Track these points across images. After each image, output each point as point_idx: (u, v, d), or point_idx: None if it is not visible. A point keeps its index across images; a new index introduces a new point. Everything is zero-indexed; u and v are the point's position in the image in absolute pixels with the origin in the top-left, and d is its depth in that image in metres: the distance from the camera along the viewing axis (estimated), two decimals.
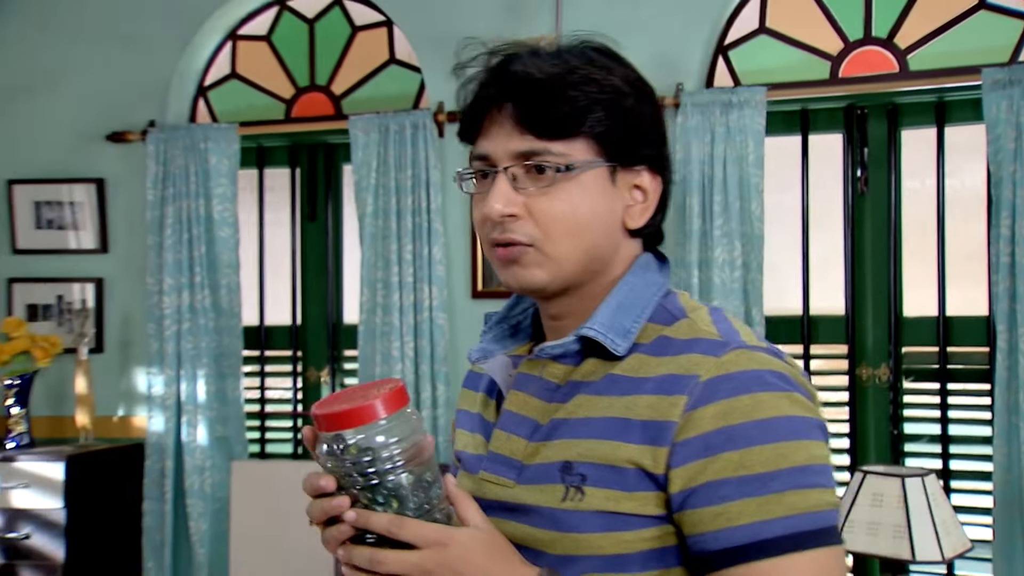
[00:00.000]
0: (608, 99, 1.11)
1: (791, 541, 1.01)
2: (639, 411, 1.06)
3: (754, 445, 1.02)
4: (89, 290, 4.17)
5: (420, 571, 1.01)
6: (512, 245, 1.12)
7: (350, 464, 1.01)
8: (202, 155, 3.94)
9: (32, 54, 4.23)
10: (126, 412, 4.16)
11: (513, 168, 1.12)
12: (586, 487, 1.06)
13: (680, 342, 1.09)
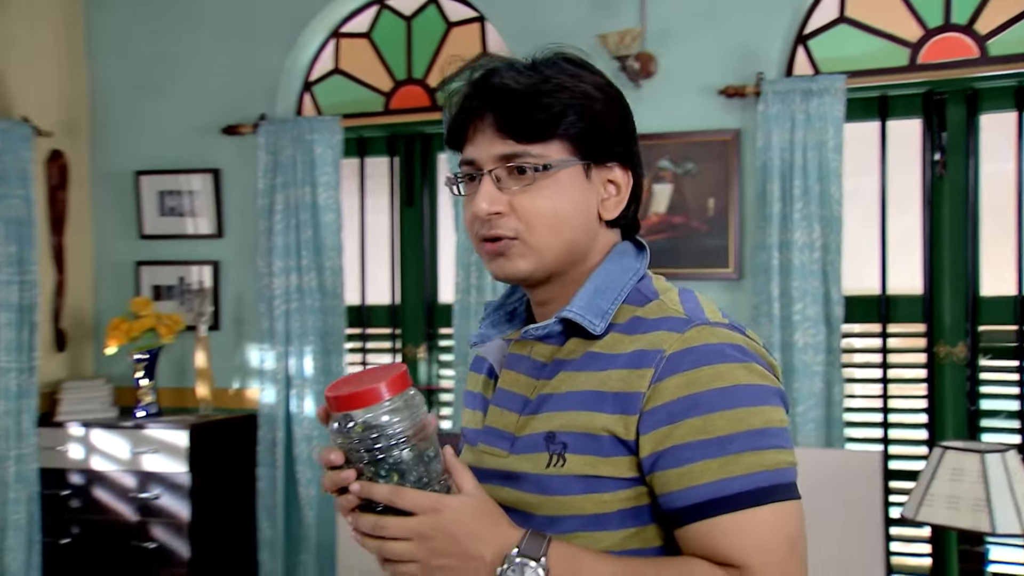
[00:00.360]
0: (579, 104, 1.22)
1: (749, 497, 1.10)
2: (612, 384, 1.17)
3: (714, 411, 1.12)
4: (207, 272, 4.48)
5: (417, 535, 1.11)
6: (498, 240, 1.23)
7: (356, 441, 1.12)
8: (308, 146, 4.19)
9: (156, 58, 4.55)
10: (241, 385, 4.47)
11: (496, 170, 1.23)
12: (567, 454, 1.17)
13: (650, 321, 1.19)
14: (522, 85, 1.21)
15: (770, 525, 1.11)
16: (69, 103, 4.56)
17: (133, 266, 4.57)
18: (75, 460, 4.08)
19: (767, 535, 1.10)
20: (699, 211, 3.79)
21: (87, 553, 4.08)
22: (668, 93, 3.80)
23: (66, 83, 4.54)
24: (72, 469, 4.09)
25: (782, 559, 1.11)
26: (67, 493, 4.08)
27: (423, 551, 1.11)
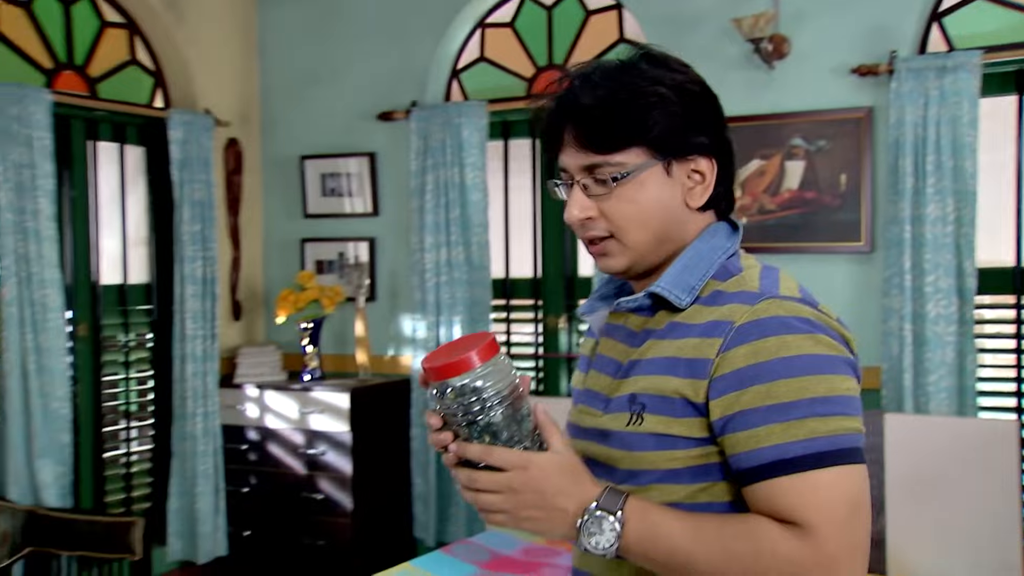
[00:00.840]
0: (654, 108, 1.27)
1: (810, 460, 1.15)
2: (686, 351, 1.24)
3: (779, 379, 1.18)
4: (363, 248, 4.85)
5: (507, 488, 1.19)
6: (595, 242, 1.32)
7: (451, 406, 1.20)
8: (456, 129, 4.49)
9: (319, 52, 4.93)
10: (395, 352, 4.83)
11: (583, 179, 1.30)
12: (645, 414, 1.25)
13: (728, 294, 1.27)
14: (597, 100, 1.27)
15: (830, 487, 1.15)
16: (243, 96, 4.99)
17: (298, 243, 4.99)
18: (251, 418, 4.52)
19: (827, 496, 1.15)
20: (831, 187, 3.91)
21: (263, 502, 4.52)
22: (800, 73, 3.93)
23: (241, 78, 4.98)
24: (249, 426, 4.53)
25: (842, 520, 1.15)
26: (245, 448, 4.54)
27: (511, 503, 1.20)
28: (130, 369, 4.55)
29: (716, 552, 1.16)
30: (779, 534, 1.14)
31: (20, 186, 3.88)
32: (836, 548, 1.14)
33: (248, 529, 4.57)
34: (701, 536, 1.17)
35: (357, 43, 4.83)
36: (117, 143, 4.53)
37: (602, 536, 1.18)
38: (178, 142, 4.47)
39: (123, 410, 4.54)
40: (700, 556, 1.16)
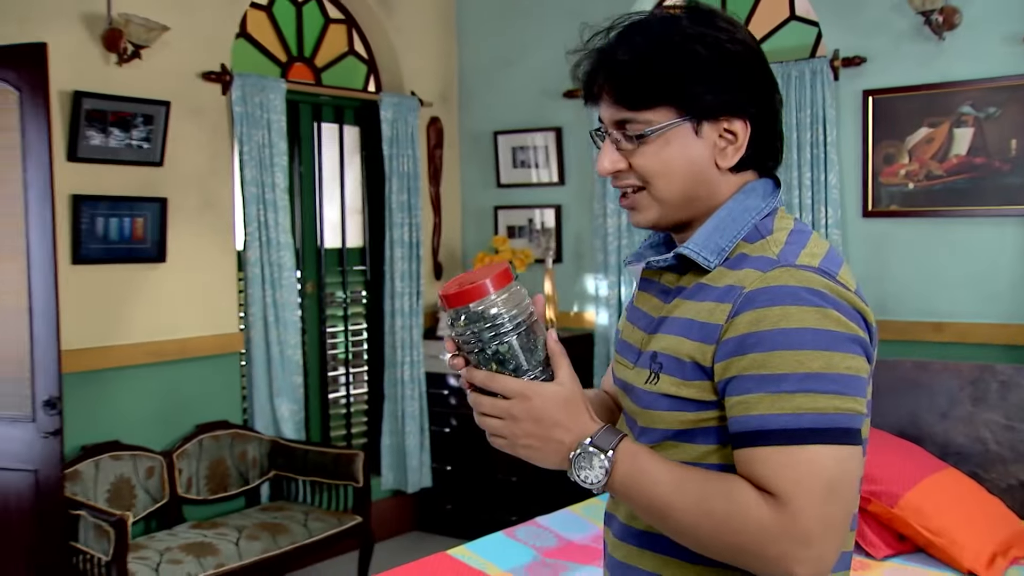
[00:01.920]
0: (689, 67, 1.25)
1: (793, 434, 1.13)
2: (703, 314, 1.23)
3: (776, 350, 1.15)
4: (550, 214, 5.37)
5: (507, 415, 1.21)
6: (627, 195, 1.32)
7: (464, 333, 1.21)
8: None
9: (510, 36, 5.48)
10: (579, 309, 5.34)
11: (614, 133, 1.29)
12: (661, 374, 1.25)
13: (750, 258, 1.24)
14: (630, 56, 1.25)
15: (809, 463, 1.13)
16: (443, 77, 5.60)
17: (492, 210, 5.57)
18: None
19: (805, 472, 1.13)
20: (1001, 152, 4.13)
21: (463, 441, 5.15)
22: (970, 43, 4.15)
23: (441, 61, 5.59)
24: (449, 374, 5.14)
25: (818, 497, 1.13)
26: (446, 393, 5.16)
27: (511, 430, 1.22)
28: (348, 322, 5.25)
29: (693, 506, 1.17)
30: (755, 500, 1.14)
31: (261, 163, 4.58)
32: (808, 523, 1.12)
33: (449, 464, 5.20)
34: (683, 488, 1.18)
35: (544, 26, 5.33)
36: (337, 124, 5.24)
37: (591, 471, 1.20)
38: (388, 121, 5.11)
39: (342, 358, 5.25)
40: (678, 507, 1.17)
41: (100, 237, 4.13)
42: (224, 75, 4.49)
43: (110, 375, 4.17)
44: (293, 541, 4.18)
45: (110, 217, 4.15)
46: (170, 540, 4.00)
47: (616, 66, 1.26)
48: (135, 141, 4.19)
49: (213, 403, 4.57)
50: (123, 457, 4.15)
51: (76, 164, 4.02)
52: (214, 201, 4.55)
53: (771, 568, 1.15)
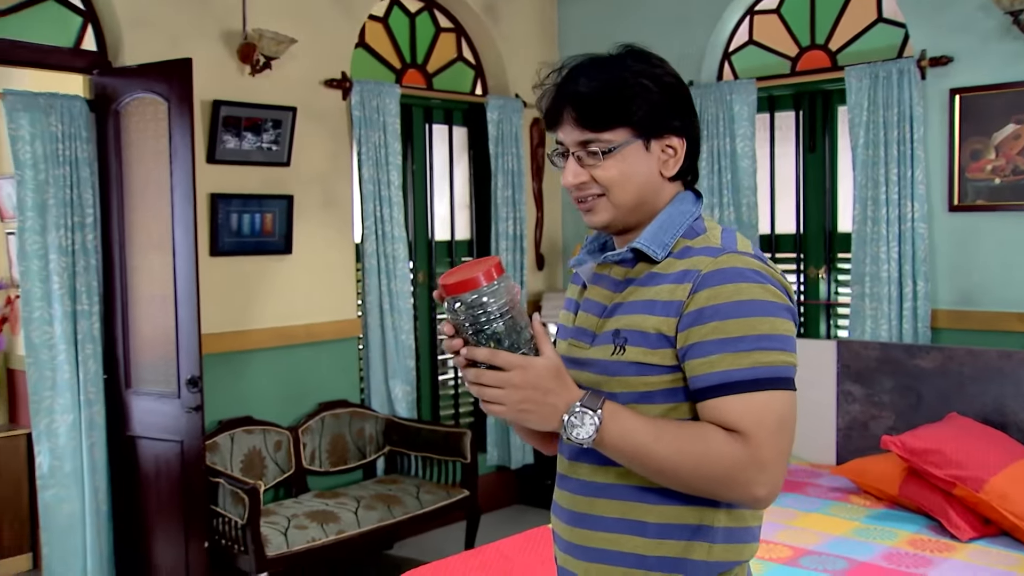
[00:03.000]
0: (637, 96, 1.45)
1: (752, 383, 1.36)
2: (662, 294, 1.43)
3: (731, 318, 1.37)
4: None
5: (508, 384, 1.36)
6: (585, 200, 1.50)
7: (461, 318, 1.36)
8: (728, 105, 5.01)
9: (608, 41, 5.44)
10: None
11: (577, 152, 1.48)
12: (627, 346, 1.44)
13: (695, 249, 1.45)
14: (590, 88, 1.46)
15: (765, 405, 1.36)
16: None
17: None
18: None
19: (761, 412, 1.35)
20: None
21: None
22: None
23: (543, 65, 5.71)
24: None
25: (772, 431, 1.36)
26: None
27: (511, 398, 1.36)
28: None
29: (672, 450, 1.36)
30: (724, 438, 1.35)
31: (377, 162, 4.81)
32: (767, 453, 1.35)
33: None
34: (661, 436, 1.37)
35: (641, 32, 5.41)
36: (447, 125, 5.45)
37: (583, 429, 1.37)
38: (494, 122, 5.29)
39: None
40: (660, 452, 1.37)
41: (234, 231, 4.41)
42: (344, 82, 4.73)
43: (243, 357, 4.45)
44: (406, 511, 4.40)
45: (243, 213, 4.43)
46: (296, 507, 4.26)
47: (579, 96, 1.46)
48: (265, 144, 4.45)
49: (334, 383, 4.82)
50: (255, 431, 4.43)
51: (214, 166, 4.30)
52: (335, 198, 4.80)
53: (738, 492, 1.37)
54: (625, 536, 1.47)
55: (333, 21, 4.74)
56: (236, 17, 4.34)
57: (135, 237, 4.02)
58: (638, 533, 1.46)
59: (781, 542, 3.54)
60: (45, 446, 3.95)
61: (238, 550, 3.91)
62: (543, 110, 1.54)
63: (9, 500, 4.79)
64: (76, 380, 3.97)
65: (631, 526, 1.46)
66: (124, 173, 4.01)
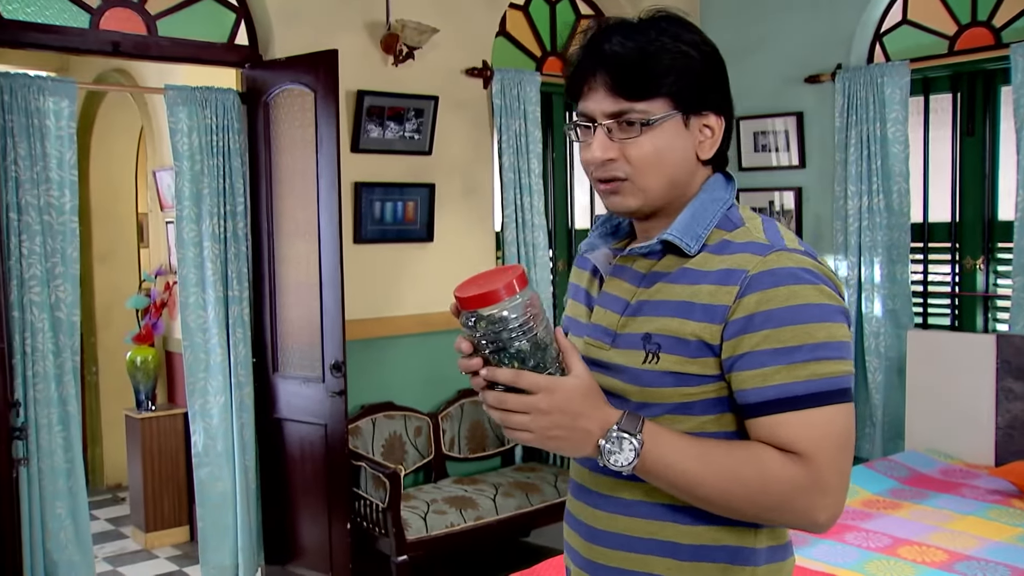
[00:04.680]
0: (679, 64, 1.28)
1: (811, 399, 1.20)
2: (701, 296, 1.26)
3: (786, 325, 1.21)
4: (789, 197, 5.21)
5: (535, 410, 1.19)
6: (612, 181, 1.31)
7: (481, 334, 1.19)
8: (879, 88, 4.69)
9: (751, 23, 5.33)
10: None
11: (608, 123, 1.29)
12: (661, 353, 1.27)
13: (737, 244, 1.28)
14: (628, 50, 1.27)
15: (826, 422, 1.21)
16: None
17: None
18: None
19: (824, 431, 1.21)
20: None
21: None
22: None
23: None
24: None
25: (835, 451, 1.21)
26: None
27: (539, 423, 1.20)
28: None
29: (723, 476, 1.21)
30: (781, 461, 1.20)
31: (517, 150, 4.70)
32: (829, 474, 1.21)
33: None
34: (710, 459, 1.22)
35: (786, 13, 5.16)
36: None
37: (621, 455, 1.21)
38: None
39: None
40: (709, 478, 1.21)
41: (377, 219, 4.38)
42: (485, 70, 4.64)
43: (385, 343, 4.42)
44: (544, 500, 4.30)
45: (385, 202, 4.39)
46: (435, 492, 4.22)
47: (616, 58, 1.28)
48: (407, 133, 4.40)
49: None
50: (395, 416, 4.40)
51: (358, 155, 4.27)
52: (475, 186, 4.72)
53: (797, 519, 1.22)
54: (654, 558, 1.31)
55: (475, 10, 4.66)
56: (380, 8, 4.29)
57: (282, 225, 4.03)
58: (670, 555, 1.30)
59: (936, 545, 3.28)
60: (200, 425, 4.01)
61: (379, 533, 3.88)
62: (568, 75, 1.35)
63: (169, 475, 4.93)
64: (227, 363, 4.02)
65: (662, 547, 1.31)
66: (272, 163, 4.03)
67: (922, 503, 3.77)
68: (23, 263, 3.50)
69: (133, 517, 5.05)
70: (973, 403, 4.32)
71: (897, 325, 4.77)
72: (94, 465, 5.94)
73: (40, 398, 3.54)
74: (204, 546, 4.05)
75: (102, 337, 5.89)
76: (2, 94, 3.45)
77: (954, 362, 4.41)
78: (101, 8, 3.81)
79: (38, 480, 3.55)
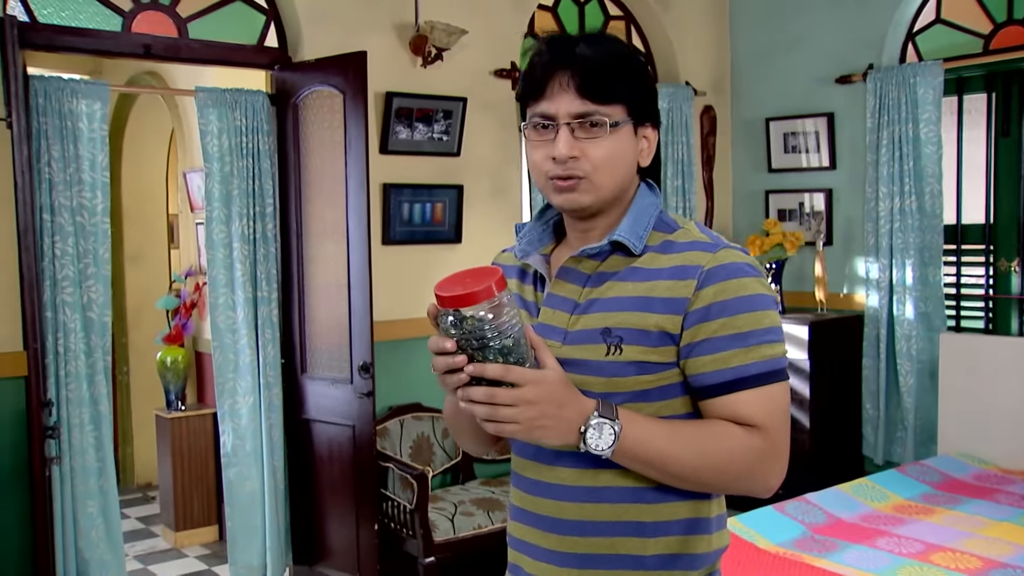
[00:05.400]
0: (635, 74, 1.39)
1: (763, 377, 1.33)
2: (659, 291, 1.36)
3: (740, 313, 1.33)
4: (819, 198, 5.16)
5: (523, 401, 1.26)
6: (571, 179, 1.39)
7: (468, 332, 1.23)
8: (911, 88, 4.64)
9: (782, 24, 5.30)
10: (848, 291, 5.11)
11: (572, 123, 1.37)
12: (624, 345, 1.35)
13: (681, 244, 1.39)
14: (598, 55, 1.37)
15: (775, 397, 1.35)
16: (716, 68, 5.50)
17: (763, 194, 5.42)
18: None
19: (773, 404, 1.34)
20: None
21: None
22: None
23: (714, 52, 5.49)
24: None
25: (783, 422, 1.36)
26: None
27: (526, 414, 1.26)
28: None
29: (694, 452, 1.32)
30: (743, 433, 1.33)
31: None
32: (781, 443, 1.35)
33: None
34: (680, 438, 1.33)
35: (817, 14, 5.11)
36: None
37: (602, 439, 1.29)
38: (664, 110, 5.07)
39: None
40: (681, 455, 1.32)
41: (405, 221, 4.37)
42: (513, 71, 4.62)
43: (413, 344, 4.41)
44: None
45: (414, 203, 4.39)
46: (463, 494, 4.20)
47: (585, 62, 1.36)
48: (436, 134, 4.40)
49: None
50: (423, 418, 4.39)
51: (386, 156, 4.27)
52: (504, 187, 4.70)
53: (756, 484, 1.36)
54: (621, 539, 1.40)
55: (503, 11, 4.64)
56: (409, 10, 4.29)
57: (311, 226, 4.04)
58: (635, 534, 1.40)
59: (970, 551, 3.23)
60: (228, 426, 4.02)
61: (406, 534, 3.87)
62: (530, 77, 1.41)
63: (198, 475, 4.95)
64: (256, 364, 4.03)
65: (627, 527, 1.40)
66: (301, 164, 4.03)
67: (955, 508, 3.72)
68: (56, 264, 3.52)
69: (163, 516, 5.08)
70: (1007, 407, 4.25)
71: (929, 328, 4.71)
72: (125, 464, 5.98)
73: (72, 398, 3.56)
74: (232, 546, 4.06)
75: (133, 337, 5.93)
76: (36, 97, 3.48)
77: (988, 366, 4.35)
78: (133, 11, 3.83)
79: (70, 479, 3.57)
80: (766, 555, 3.30)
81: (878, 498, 3.88)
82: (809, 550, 3.33)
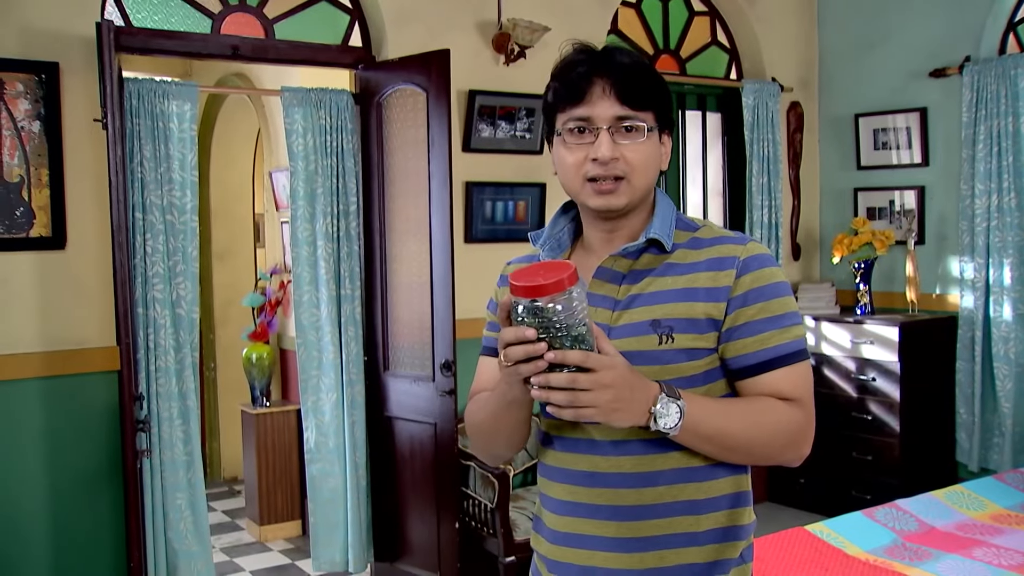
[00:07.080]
0: (662, 84, 1.51)
1: (794, 356, 1.46)
2: (702, 282, 1.47)
3: (773, 298, 1.46)
4: (911, 196, 5.00)
5: (599, 386, 1.32)
6: (608, 181, 1.47)
7: (544, 321, 1.29)
8: (1012, 81, 4.47)
9: (871, 17, 5.15)
10: (942, 291, 4.95)
11: (612, 127, 1.46)
12: (675, 334, 1.46)
13: (708, 239, 1.52)
14: (635, 64, 1.49)
15: (805, 373, 1.48)
16: (803, 63, 5.39)
17: (851, 192, 5.28)
18: (809, 346, 4.92)
19: (805, 380, 1.48)
20: None
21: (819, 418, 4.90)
22: None
23: (802, 48, 5.38)
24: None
25: (811, 395, 1.49)
26: None
27: (603, 397, 1.32)
28: None
29: (748, 424, 1.43)
30: (786, 407, 1.45)
31: None
32: (811, 414, 1.48)
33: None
34: (733, 413, 1.44)
35: (909, 6, 4.96)
36: (700, 111, 5.20)
37: (669, 418, 1.38)
38: (749, 107, 4.99)
39: None
40: (736, 429, 1.43)
41: (488, 219, 4.37)
42: None
43: None
44: None
45: (496, 201, 4.38)
46: None
47: (625, 69, 1.47)
48: (518, 132, 4.38)
49: None
50: None
51: (469, 154, 4.27)
52: None
53: (796, 453, 1.48)
54: (677, 519, 1.49)
55: (586, 8, 4.61)
56: (492, 8, 4.29)
57: (394, 224, 4.06)
58: (689, 512, 1.49)
59: None
60: (312, 422, 4.07)
61: (487, 533, 3.87)
62: (569, 83, 1.49)
63: (283, 470, 5.03)
64: (339, 361, 4.06)
65: (682, 507, 1.48)
66: (385, 162, 4.06)
67: None
68: (147, 261, 3.60)
69: (248, 510, 5.17)
70: None
71: None
72: (212, 458, 6.11)
73: (162, 392, 3.64)
74: (315, 541, 4.11)
75: (220, 334, 6.05)
76: (130, 99, 3.56)
77: None
78: (222, 13, 3.90)
79: (160, 471, 3.65)
80: (855, 562, 3.21)
81: (975, 506, 3.75)
82: (900, 558, 3.23)
